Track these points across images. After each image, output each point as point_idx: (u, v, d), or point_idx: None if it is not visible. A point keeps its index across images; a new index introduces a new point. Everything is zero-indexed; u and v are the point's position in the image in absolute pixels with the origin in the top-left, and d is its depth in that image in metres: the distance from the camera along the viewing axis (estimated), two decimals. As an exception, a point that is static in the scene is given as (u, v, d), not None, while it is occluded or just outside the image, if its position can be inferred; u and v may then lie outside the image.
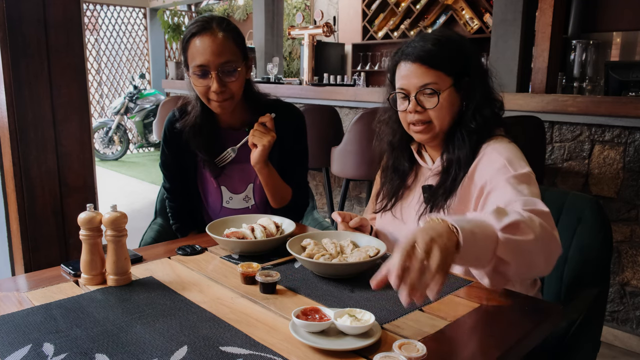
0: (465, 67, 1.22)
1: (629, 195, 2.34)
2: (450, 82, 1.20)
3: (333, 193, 3.55)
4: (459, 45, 1.23)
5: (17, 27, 1.45)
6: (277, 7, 5.12)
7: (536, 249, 0.91)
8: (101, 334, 0.86)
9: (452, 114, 1.23)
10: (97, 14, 7.69)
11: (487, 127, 1.21)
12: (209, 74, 1.41)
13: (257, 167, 1.49)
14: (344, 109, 3.55)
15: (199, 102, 1.52)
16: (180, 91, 5.37)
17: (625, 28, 4.57)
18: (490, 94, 1.25)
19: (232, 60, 1.42)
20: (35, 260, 1.54)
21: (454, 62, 1.21)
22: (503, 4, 2.95)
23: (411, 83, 1.21)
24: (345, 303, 0.98)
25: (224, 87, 1.42)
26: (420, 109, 1.21)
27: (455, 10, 6.26)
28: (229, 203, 1.61)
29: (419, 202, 1.28)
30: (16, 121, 1.47)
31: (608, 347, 2.38)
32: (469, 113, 1.22)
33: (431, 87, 1.19)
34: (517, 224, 0.90)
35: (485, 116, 1.21)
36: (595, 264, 1.30)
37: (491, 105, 1.24)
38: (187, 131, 1.54)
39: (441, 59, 1.20)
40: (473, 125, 1.20)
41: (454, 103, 1.22)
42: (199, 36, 1.40)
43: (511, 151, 1.16)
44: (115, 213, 1.05)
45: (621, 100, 2.31)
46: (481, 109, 1.21)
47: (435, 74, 1.19)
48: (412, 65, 1.21)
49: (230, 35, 1.42)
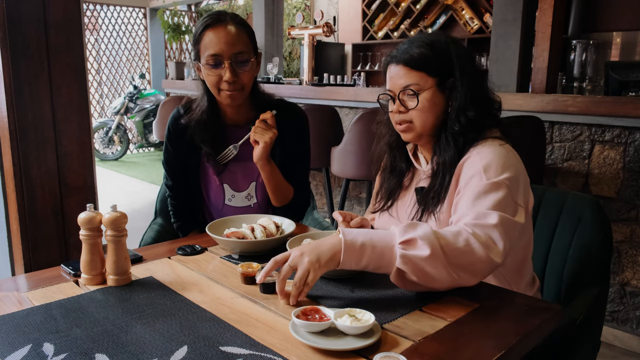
0: (451, 68, 1.22)
1: (629, 195, 2.34)
2: (432, 83, 1.21)
3: (333, 193, 3.55)
4: (444, 47, 1.22)
5: (17, 27, 1.45)
6: (277, 7, 5.12)
7: (433, 264, 0.95)
8: (101, 334, 0.86)
9: (435, 115, 1.22)
10: (97, 14, 7.69)
11: (473, 128, 1.20)
12: (222, 63, 1.43)
13: (260, 164, 1.50)
14: (344, 109, 3.56)
15: (205, 97, 1.54)
16: (180, 91, 5.37)
17: (625, 28, 4.57)
18: (481, 95, 1.24)
19: (245, 52, 1.46)
20: (35, 260, 1.54)
21: (437, 64, 1.21)
22: (503, 4, 2.95)
23: (395, 84, 1.24)
24: (345, 303, 0.98)
25: (236, 77, 1.45)
26: (403, 109, 1.23)
27: (455, 10, 6.26)
28: (231, 201, 1.62)
29: (412, 204, 1.29)
30: (16, 121, 1.47)
31: (608, 347, 2.39)
32: (453, 114, 1.21)
33: (412, 88, 1.21)
34: (414, 240, 0.97)
35: (470, 118, 1.19)
36: (595, 264, 1.31)
37: (480, 107, 1.21)
38: (193, 126, 1.55)
39: (424, 60, 1.20)
40: (456, 127, 1.20)
41: (437, 103, 1.22)
42: (213, 28, 1.44)
43: (494, 156, 1.14)
44: (115, 213, 1.05)
45: (621, 100, 2.31)
46: (465, 110, 1.20)
47: (417, 75, 1.21)
48: (396, 67, 1.24)
49: (242, 28, 1.47)
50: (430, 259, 0.95)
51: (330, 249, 0.99)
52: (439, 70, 1.21)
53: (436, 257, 0.95)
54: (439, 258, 0.96)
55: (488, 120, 1.24)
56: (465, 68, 1.22)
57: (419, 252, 0.96)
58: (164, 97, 7.01)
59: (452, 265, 0.97)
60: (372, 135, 1.45)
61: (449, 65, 1.21)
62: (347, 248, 0.98)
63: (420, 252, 0.96)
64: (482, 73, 1.29)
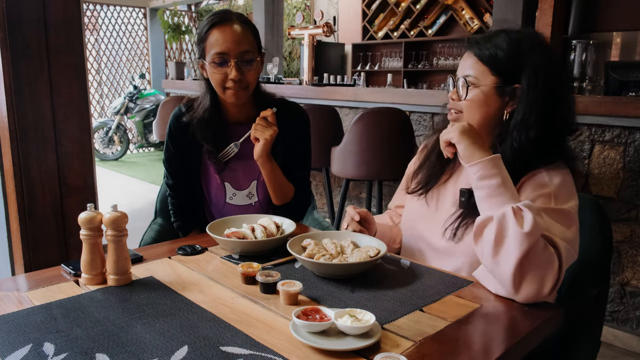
0: (520, 74, 1.14)
1: (629, 195, 2.34)
2: (492, 82, 1.16)
3: (333, 193, 3.55)
4: (523, 50, 1.14)
5: (17, 27, 1.45)
6: (277, 7, 5.12)
7: (518, 239, 0.96)
8: (101, 334, 0.86)
9: (483, 115, 1.17)
10: (97, 14, 7.68)
11: (535, 151, 1.12)
12: (228, 62, 1.45)
13: (260, 161, 1.51)
14: (344, 109, 3.56)
15: (208, 95, 1.55)
16: (180, 91, 5.37)
17: (625, 28, 4.57)
18: (553, 117, 1.13)
19: (251, 51, 1.47)
20: (35, 260, 1.54)
21: (507, 65, 1.15)
22: (503, 4, 2.95)
23: (460, 70, 1.22)
24: (345, 303, 0.98)
25: (241, 76, 1.46)
26: (455, 97, 1.22)
27: (455, 10, 6.26)
28: (232, 199, 1.62)
29: (453, 202, 1.26)
30: (16, 121, 1.47)
31: (608, 347, 2.39)
32: (512, 127, 1.14)
33: (468, 79, 1.18)
34: (526, 212, 0.98)
35: (531, 138, 1.11)
36: (595, 264, 1.30)
37: (548, 130, 1.12)
38: (195, 123, 1.56)
39: (494, 57, 1.16)
40: (515, 144, 1.13)
41: (489, 104, 1.17)
42: (220, 26, 1.45)
43: (564, 181, 1.10)
44: (115, 213, 1.05)
45: (621, 100, 2.31)
46: (528, 127, 1.11)
47: (481, 68, 1.17)
48: (468, 54, 1.21)
49: (248, 28, 1.49)
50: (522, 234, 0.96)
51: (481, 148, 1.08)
52: (505, 72, 1.15)
53: (528, 237, 0.96)
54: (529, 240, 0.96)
55: (556, 149, 1.15)
56: (538, 80, 1.12)
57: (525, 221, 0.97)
58: (164, 97, 7.01)
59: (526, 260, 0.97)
60: (372, 135, 1.45)
61: (519, 70, 1.14)
62: (492, 160, 1.06)
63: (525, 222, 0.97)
64: (565, 93, 1.17)
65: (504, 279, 0.99)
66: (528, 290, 0.98)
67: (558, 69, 1.16)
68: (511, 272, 0.97)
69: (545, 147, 1.13)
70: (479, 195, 1.07)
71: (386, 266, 1.19)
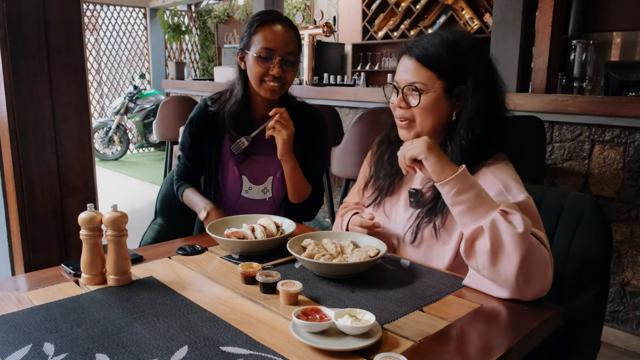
0: (465, 75, 1.16)
1: (629, 195, 2.34)
2: (440, 86, 1.16)
3: (333, 193, 3.55)
4: (464, 50, 1.17)
5: (17, 27, 1.45)
6: (277, 7, 5.11)
7: (516, 242, 0.96)
8: (101, 334, 0.86)
9: (435, 119, 1.19)
10: (97, 14, 7.68)
11: (481, 148, 1.15)
12: (273, 58, 1.51)
13: (284, 159, 1.56)
14: (344, 109, 3.55)
15: (239, 85, 1.60)
16: (180, 91, 5.36)
17: (625, 28, 4.57)
18: (495, 114, 1.18)
19: (295, 53, 1.56)
20: (35, 260, 1.54)
21: (451, 67, 1.16)
22: (503, 4, 2.95)
23: (402, 78, 1.20)
24: (345, 303, 0.98)
25: (282, 74, 1.53)
26: (404, 105, 1.20)
27: (455, 10, 6.26)
28: (247, 193, 1.65)
29: (405, 206, 1.27)
30: (16, 121, 1.47)
31: (608, 347, 2.39)
32: (459, 125, 1.17)
33: (417, 86, 1.17)
34: (513, 213, 0.98)
35: (477, 135, 1.15)
36: (595, 264, 1.30)
37: (491, 126, 1.16)
38: (226, 112, 1.60)
39: (437, 61, 1.16)
40: (464, 141, 1.15)
41: (440, 108, 1.18)
42: (273, 24, 1.53)
43: (508, 174, 1.12)
44: (115, 213, 1.05)
45: (621, 100, 2.31)
46: (474, 125, 1.15)
47: (426, 73, 1.16)
48: (409, 60, 1.20)
49: (296, 34, 1.58)
50: (518, 236, 0.96)
51: (449, 162, 1.06)
52: (450, 75, 1.16)
53: (524, 237, 0.96)
54: (525, 241, 0.96)
55: (499, 142, 1.18)
56: (481, 79, 1.16)
57: (515, 222, 0.97)
58: (164, 97, 7.00)
59: (526, 259, 0.96)
60: (373, 135, 1.45)
61: (463, 71, 1.16)
62: (463, 173, 1.02)
63: (515, 224, 0.97)
64: (502, 89, 1.21)
65: (508, 283, 0.98)
66: (534, 289, 0.99)
67: (492, 64, 1.20)
68: (514, 275, 0.97)
69: (487, 143, 1.16)
70: (459, 211, 1.04)
71: (386, 266, 1.19)
